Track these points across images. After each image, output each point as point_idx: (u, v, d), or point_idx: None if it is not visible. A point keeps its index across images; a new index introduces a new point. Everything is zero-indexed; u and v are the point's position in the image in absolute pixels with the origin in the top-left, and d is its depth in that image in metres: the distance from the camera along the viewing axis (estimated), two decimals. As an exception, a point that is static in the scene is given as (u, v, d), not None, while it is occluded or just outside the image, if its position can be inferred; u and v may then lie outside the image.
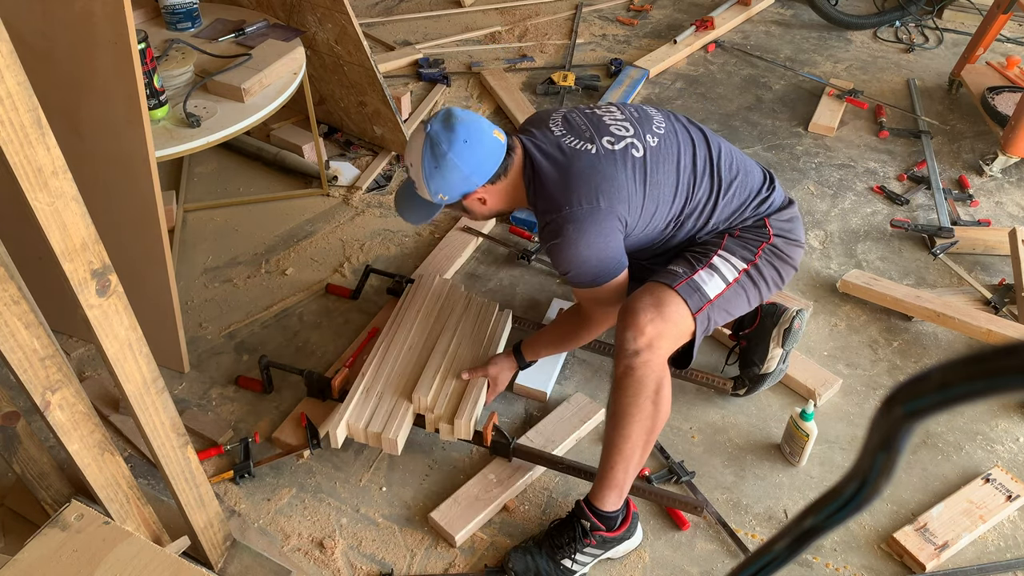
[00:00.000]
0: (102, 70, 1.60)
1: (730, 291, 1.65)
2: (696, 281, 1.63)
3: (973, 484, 1.80)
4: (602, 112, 1.71)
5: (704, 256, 1.68)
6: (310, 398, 1.97)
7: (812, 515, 0.46)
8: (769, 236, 1.71)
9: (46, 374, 1.16)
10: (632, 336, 1.55)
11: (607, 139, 1.64)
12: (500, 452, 1.81)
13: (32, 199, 0.97)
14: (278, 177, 2.79)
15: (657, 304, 1.58)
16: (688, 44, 3.61)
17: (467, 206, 1.72)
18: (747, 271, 1.68)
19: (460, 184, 1.64)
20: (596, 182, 1.59)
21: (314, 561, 1.68)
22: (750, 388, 1.96)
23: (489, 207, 1.72)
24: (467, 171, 1.61)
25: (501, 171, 1.65)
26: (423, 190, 1.67)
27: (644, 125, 1.68)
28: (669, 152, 1.66)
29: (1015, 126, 2.70)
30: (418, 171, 1.64)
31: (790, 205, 1.79)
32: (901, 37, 3.82)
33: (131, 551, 1.09)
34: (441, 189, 1.65)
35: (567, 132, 1.67)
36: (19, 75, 0.89)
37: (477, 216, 1.77)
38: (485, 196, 1.68)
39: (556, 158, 1.64)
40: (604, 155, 1.61)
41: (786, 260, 1.73)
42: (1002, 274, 2.40)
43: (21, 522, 1.70)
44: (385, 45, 3.60)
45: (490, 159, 1.63)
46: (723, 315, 1.67)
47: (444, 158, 1.59)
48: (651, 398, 1.54)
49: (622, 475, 1.58)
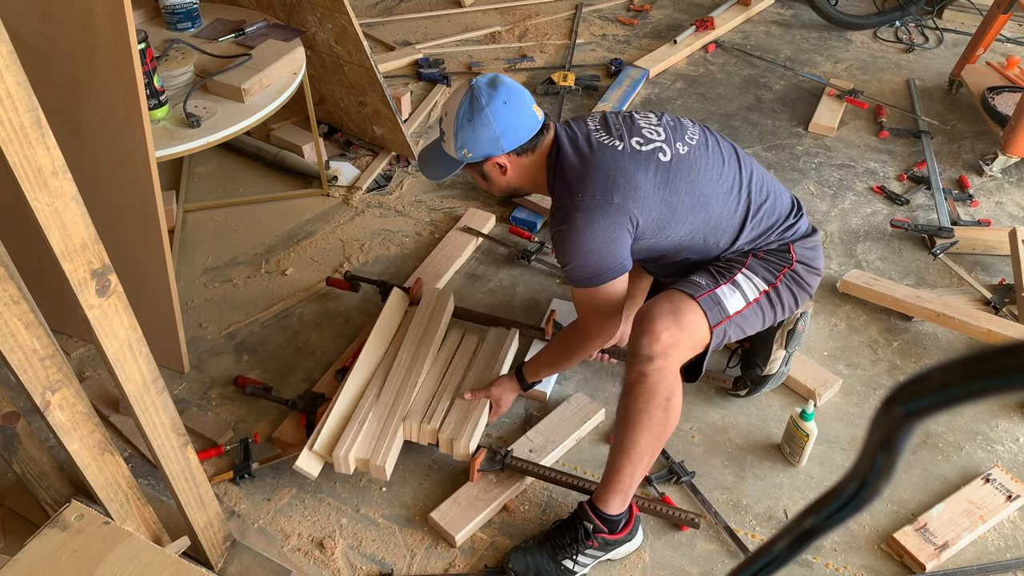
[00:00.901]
0: (102, 70, 1.60)
1: (749, 310, 1.65)
2: (718, 295, 1.62)
3: (973, 484, 1.80)
4: (639, 116, 1.71)
5: (728, 272, 1.67)
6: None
7: (812, 515, 0.46)
8: (792, 262, 1.71)
9: (46, 374, 1.16)
10: (648, 342, 1.54)
11: (636, 139, 1.63)
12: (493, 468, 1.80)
13: (32, 199, 0.97)
14: (278, 177, 2.79)
15: (676, 312, 1.57)
16: (688, 44, 3.61)
17: (486, 170, 1.70)
18: (767, 293, 1.68)
19: (488, 144, 1.63)
20: (615, 177, 1.58)
21: (314, 561, 1.68)
22: (751, 389, 1.96)
23: (507, 179, 1.71)
24: (498, 132, 1.61)
25: (529, 146, 1.66)
26: (449, 144, 1.67)
27: (677, 133, 1.68)
28: (697, 163, 1.65)
29: (1015, 126, 2.70)
30: (451, 122, 1.64)
31: (813, 233, 1.79)
32: (901, 37, 3.82)
33: (131, 551, 1.09)
34: (467, 144, 1.64)
35: (600, 128, 1.67)
36: (19, 75, 0.89)
37: (492, 186, 1.75)
38: (507, 165, 1.67)
39: (582, 149, 1.64)
40: (629, 154, 1.61)
41: (804, 287, 1.73)
42: (1002, 274, 2.40)
43: (21, 522, 1.70)
44: (385, 45, 3.60)
45: (523, 128, 1.64)
46: (737, 332, 1.67)
47: (480, 113, 1.60)
48: (662, 405, 1.53)
49: (628, 479, 1.57)
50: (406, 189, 2.73)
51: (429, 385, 1.90)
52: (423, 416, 1.81)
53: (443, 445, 1.79)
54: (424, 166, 1.79)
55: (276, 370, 2.09)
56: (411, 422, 1.80)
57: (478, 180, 1.77)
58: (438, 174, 1.74)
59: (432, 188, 2.74)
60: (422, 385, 1.89)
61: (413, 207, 2.66)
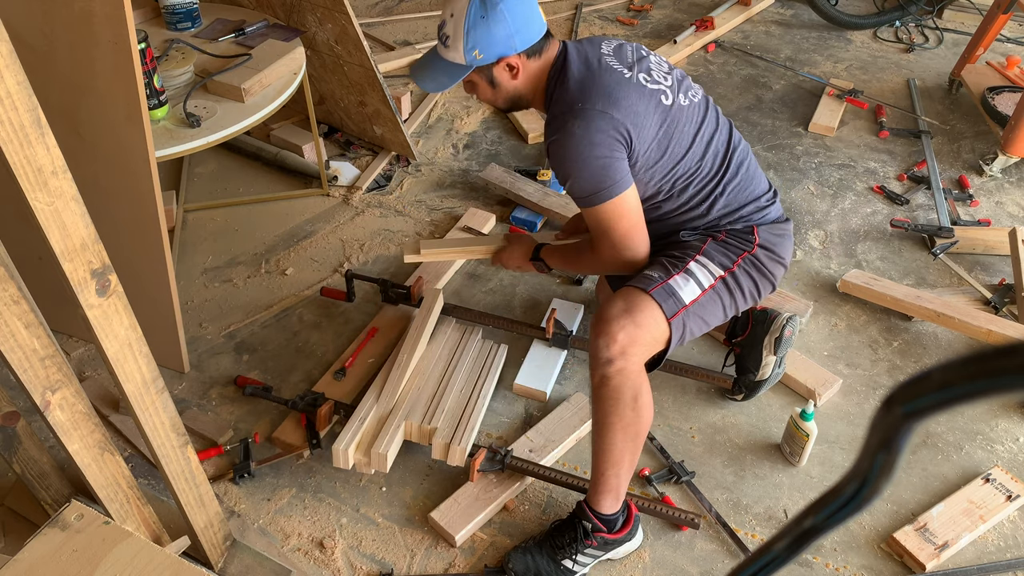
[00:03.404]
0: (102, 70, 1.60)
1: (705, 297, 1.62)
2: (671, 286, 1.60)
3: (973, 484, 1.80)
4: (653, 58, 1.69)
5: (680, 261, 1.65)
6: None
7: (812, 515, 0.46)
8: (753, 246, 1.69)
9: (46, 374, 1.16)
10: (604, 344, 1.52)
11: (644, 75, 1.61)
12: (493, 469, 1.81)
13: (32, 199, 0.97)
14: (278, 177, 2.79)
15: (629, 310, 1.55)
16: (688, 44, 3.61)
17: (495, 74, 1.62)
18: (724, 278, 1.65)
19: (502, 42, 1.56)
20: (617, 97, 1.55)
21: (314, 561, 1.68)
22: (747, 394, 1.96)
23: (516, 84, 1.64)
24: (513, 28, 1.55)
25: (538, 47, 1.61)
26: (456, 47, 1.58)
27: (683, 86, 1.67)
28: (693, 118, 1.65)
29: (1015, 126, 2.70)
30: (459, 22, 1.55)
31: (785, 222, 1.77)
32: (901, 37, 3.82)
33: (131, 551, 1.09)
34: (479, 44, 1.55)
35: (612, 53, 1.64)
36: (19, 75, 0.89)
37: (497, 94, 1.67)
38: (519, 66, 1.60)
39: (591, 64, 1.61)
40: (635, 84, 1.59)
41: (765, 275, 1.70)
42: (1002, 274, 2.40)
43: (21, 522, 1.70)
44: (385, 45, 3.60)
45: (535, 26, 1.59)
46: (699, 323, 1.64)
47: (495, 8, 1.52)
48: (630, 405, 1.52)
49: (614, 480, 1.57)
50: (406, 189, 2.73)
51: (430, 385, 1.90)
52: (423, 417, 1.81)
53: (437, 451, 1.78)
54: (421, 79, 1.66)
55: (276, 370, 2.09)
56: (412, 421, 1.80)
57: (482, 88, 1.67)
58: (441, 84, 1.63)
59: (432, 188, 2.74)
60: (423, 385, 1.90)
61: (413, 207, 2.66)
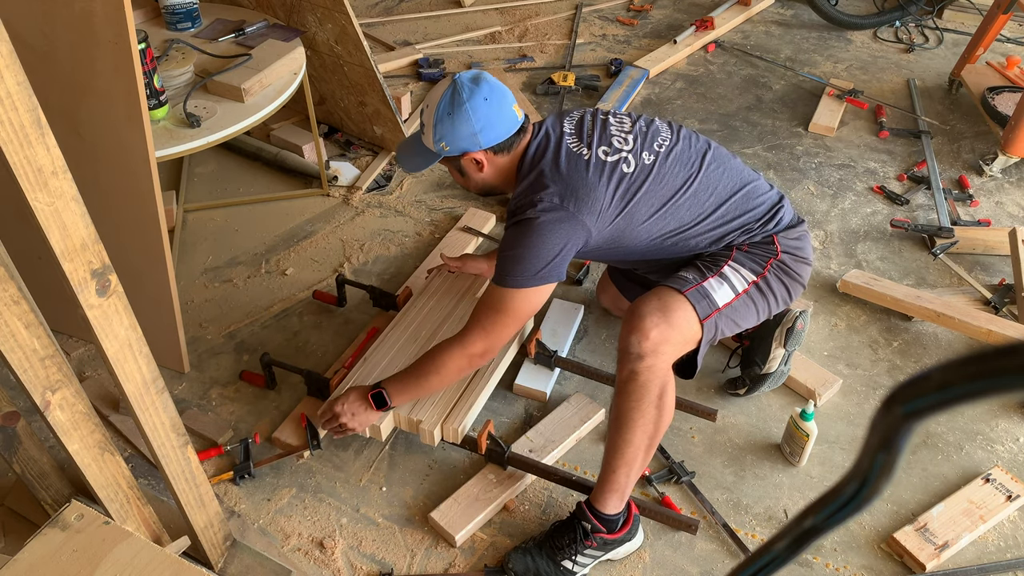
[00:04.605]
0: (102, 70, 1.60)
1: (739, 301, 1.65)
2: (706, 288, 1.63)
3: (973, 484, 1.80)
4: (614, 122, 1.72)
5: (714, 265, 1.68)
6: (310, 397, 1.97)
7: (812, 515, 0.46)
8: (777, 252, 1.71)
9: (46, 374, 1.16)
10: (637, 340, 1.54)
11: (603, 148, 1.66)
12: (495, 460, 1.81)
13: (32, 199, 0.97)
14: (278, 177, 2.79)
15: (664, 309, 1.57)
16: (688, 44, 3.61)
17: (463, 165, 1.71)
18: (756, 283, 1.68)
19: (466, 139, 1.64)
20: (575, 187, 1.61)
21: (314, 561, 1.68)
22: (750, 388, 1.96)
23: (483, 176, 1.72)
24: (476, 128, 1.62)
25: (506, 145, 1.67)
26: (428, 136, 1.68)
27: (646, 142, 1.69)
28: (660, 173, 1.67)
29: (1015, 126, 2.70)
30: (431, 114, 1.65)
31: (799, 224, 1.79)
32: (901, 37, 3.82)
33: (131, 551, 1.09)
34: (446, 137, 1.65)
35: (573, 133, 1.69)
36: (19, 75, 0.89)
37: (468, 182, 1.77)
38: (484, 161, 1.68)
39: (550, 155, 1.66)
40: (594, 164, 1.63)
41: (794, 277, 1.73)
42: (1002, 274, 2.40)
43: (21, 522, 1.70)
44: (385, 45, 3.60)
45: (501, 126, 1.65)
46: (730, 325, 1.67)
47: (461, 107, 1.61)
48: (655, 403, 1.54)
49: (624, 479, 1.58)
50: (406, 189, 2.73)
51: None
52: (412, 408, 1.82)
53: (424, 435, 1.80)
54: (402, 157, 1.79)
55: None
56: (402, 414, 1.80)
57: (454, 174, 1.78)
58: (416, 165, 1.74)
59: (432, 188, 2.74)
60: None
61: (413, 207, 2.66)
